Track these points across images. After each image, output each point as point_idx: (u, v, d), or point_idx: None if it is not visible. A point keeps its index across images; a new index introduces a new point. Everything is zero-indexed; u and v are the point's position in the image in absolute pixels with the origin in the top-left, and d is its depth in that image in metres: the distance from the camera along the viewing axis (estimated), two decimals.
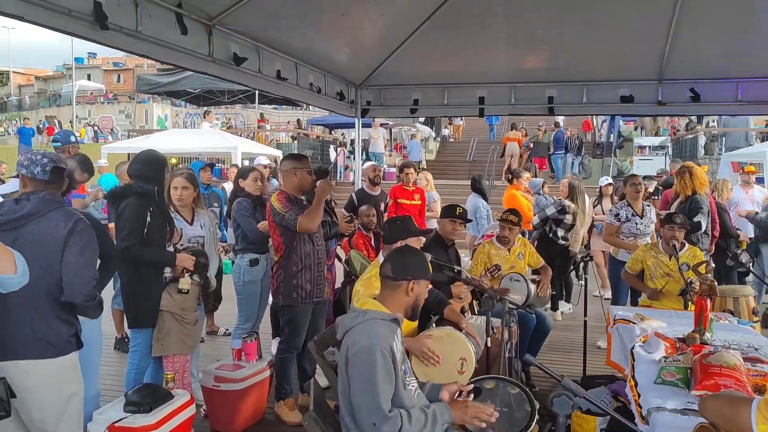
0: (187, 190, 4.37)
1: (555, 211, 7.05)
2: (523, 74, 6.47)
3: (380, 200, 6.97)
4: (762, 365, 2.98)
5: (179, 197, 4.35)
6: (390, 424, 2.33)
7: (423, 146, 21.80)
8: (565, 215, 7.02)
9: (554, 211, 7.05)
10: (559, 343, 6.26)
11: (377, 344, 2.40)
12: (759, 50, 5.52)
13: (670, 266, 4.88)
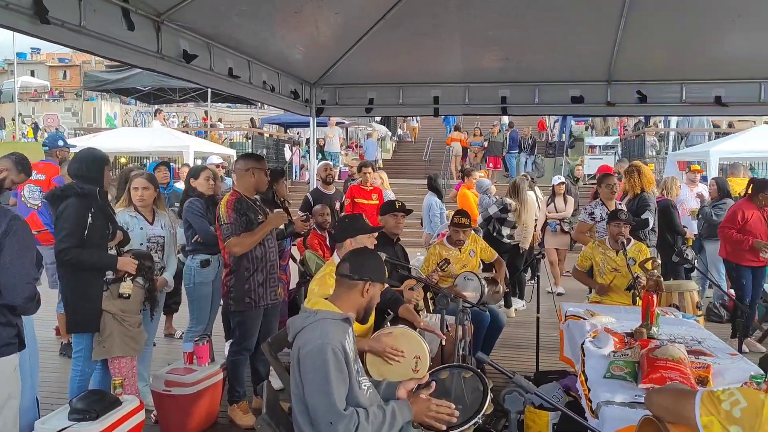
0: (147, 191, 4.37)
1: (497, 210, 7.15)
2: (477, 74, 6.54)
3: (334, 199, 6.95)
4: (705, 357, 3.08)
5: (140, 198, 4.34)
6: (346, 422, 2.31)
7: (379, 145, 21.82)
8: (508, 213, 7.12)
9: (496, 210, 7.15)
10: (513, 340, 6.35)
11: (329, 343, 2.38)
12: (701, 53, 5.72)
13: (618, 262, 5.01)
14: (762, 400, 1.66)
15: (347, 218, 4.06)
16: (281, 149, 19.53)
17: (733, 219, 6.16)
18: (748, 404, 1.66)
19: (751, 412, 1.65)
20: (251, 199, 4.23)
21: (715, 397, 1.74)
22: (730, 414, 1.68)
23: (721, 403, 1.71)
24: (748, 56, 5.71)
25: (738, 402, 1.68)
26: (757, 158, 12.73)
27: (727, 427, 1.68)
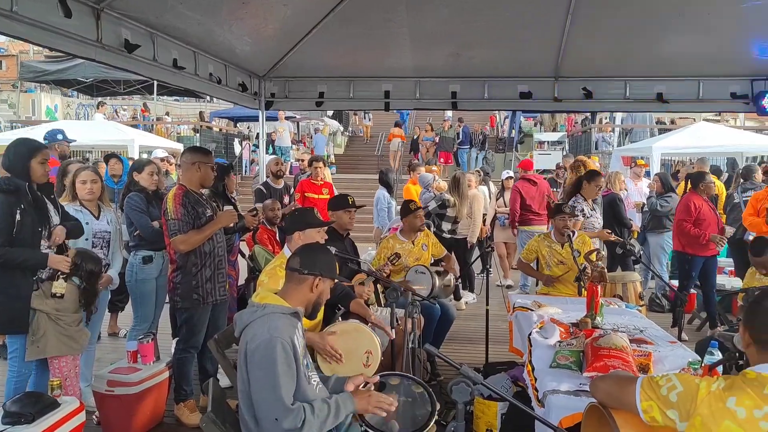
0: (96, 184, 4.28)
1: (436, 206, 7.21)
2: (427, 69, 6.56)
3: (284, 193, 6.87)
4: (646, 346, 3.17)
5: (90, 191, 4.24)
6: (292, 417, 2.27)
7: (331, 140, 21.71)
8: (446, 209, 7.19)
9: (435, 206, 7.21)
10: (463, 333, 6.42)
11: (278, 338, 2.34)
12: (644, 51, 5.88)
13: (563, 254, 5.12)
14: (697, 385, 1.71)
15: (297, 211, 4.02)
16: (230, 144, 19.20)
17: (688, 211, 6.39)
18: (684, 389, 1.72)
19: (687, 397, 1.70)
20: (197, 193, 4.13)
21: (654, 383, 1.79)
22: (667, 399, 1.73)
23: (660, 388, 1.76)
24: (688, 55, 5.91)
25: (675, 387, 1.74)
26: (697, 154, 13.17)
27: (665, 411, 1.73)
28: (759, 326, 1.73)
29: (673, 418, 1.71)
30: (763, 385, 1.63)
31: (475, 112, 21.76)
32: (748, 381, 1.67)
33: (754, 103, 6.09)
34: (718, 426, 1.62)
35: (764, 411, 1.58)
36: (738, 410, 1.61)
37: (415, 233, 5.29)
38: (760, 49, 5.73)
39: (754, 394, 1.62)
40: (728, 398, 1.64)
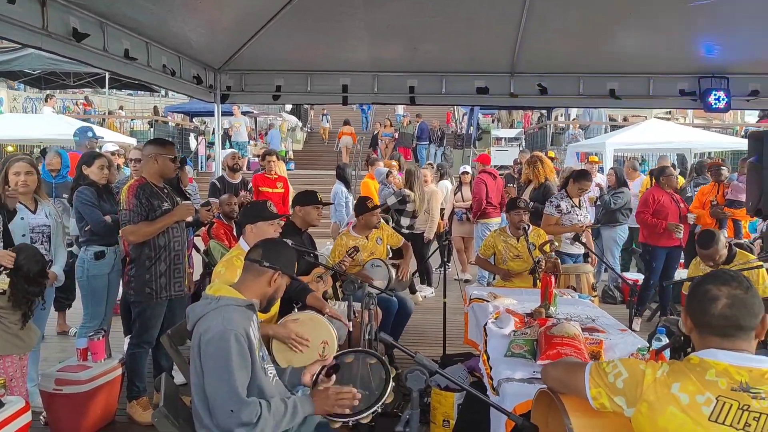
0: (31, 176, 4.10)
1: (396, 201, 7.24)
2: (385, 63, 6.56)
3: (241, 188, 6.78)
4: (598, 334, 3.25)
5: (24, 183, 4.06)
6: (249, 411, 2.25)
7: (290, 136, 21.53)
8: (406, 204, 7.23)
9: (395, 201, 7.24)
10: (421, 326, 6.46)
11: (232, 329, 2.31)
12: (597, 48, 6.00)
13: (519, 248, 5.19)
14: (642, 371, 1.73)
15: (251, 204, 3.97)
16: (186, 138, 18.84)
17: (646, 203, 6.62)
18: (630, 375, 1.74)
19: (632, 383, 1.72)
20: (159, 186, 4.05)
21: (602, 369, 1.81)
22: (614, 386, 1.75)
23: (607, 375, 1.78)
24: (638, 52, 6.06)
25: (620, 374, 1.76)
26: (648, 150, 13.59)
27: (613, 398, 1.75)
28: (697, 311, 1.75)
29: (621, 405, 1.74)
30: (705, 371, 1.66)
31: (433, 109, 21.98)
32: (691, 366, 1.70)
33: (701, 99, 6.27)
34: (662, 412, 1.64)
35: (706, 396, 1.61)
36: (681, 396, 1.63)
37: (369, 230, 5.29)
38: (707, 47, 5.92)
39: (696, 379, 1.64)
40: (673, 384, 1.66)
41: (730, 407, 1.58)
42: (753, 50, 5.93)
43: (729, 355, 1.67)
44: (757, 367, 1.64)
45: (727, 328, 1.69)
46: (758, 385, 1.61)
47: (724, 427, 1.57)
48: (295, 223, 4.63)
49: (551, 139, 17.15)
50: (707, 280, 1.77)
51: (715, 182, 7.38)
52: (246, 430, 2.25)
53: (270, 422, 2.28)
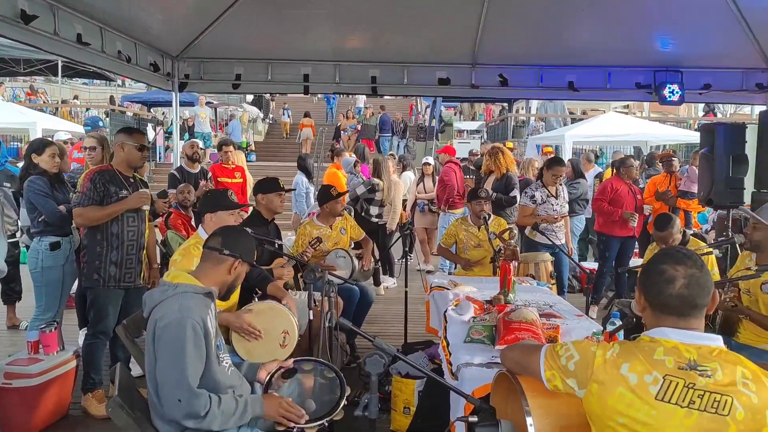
0: None
1: (365, 190, 7.24)
2: (347, 53, 6.53)
3: (200, 178, 6.67)
4: (555, 319, 3.30)
5: None
6: (198, 402, 2.21)
7: (251, 127, 21.27)
8: (375, 193, 7.23)
9: (364, 191, 7.23)
10: (383, 316, 6.50)
11: (188, 317, 2.27)
12: (556, 40, 6.08)
13: (480, 237, 5.25)
14: (593, 353, 1.75)
15: (211, 193, 3.92)
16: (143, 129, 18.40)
17: (604, 192, 6.75)
18: (581, 357, 1.76)
19: (583, 365, 1.74)
20: (124, 175, 3.97)
21: (555, 352, 1.83)
22: (566, 368, 1.77)
23: (560, 358, 1.80)
24: (596, 45, 6.16)
25: (572, 356, 1.78)
26: (606, 142, 13.89)
27: (565, 380, 1.78)
28: (654, 291, 1.76)
29: (573, 386, 1.76)
30: (653, 350, 1.69)
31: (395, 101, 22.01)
32: (640, 346, 1.72)
33: (656, 92, 6.41)
34: (612, 392, 1.66)
35: (653, 376, 1.64)
36: (630, 376, 1.65)
37: (334, 218, 5.27)
38: (662, 41, 6.06)
39: (645, 359, 1.67)
40: (622, 365, 1.68)
41: (677, 385, 1.61)
42: (705, 45, 6.09)
43: (679, 333, 1.70)
44: (707, 345, 1.68)
45: (684, 307, 1.72)
46: (706, 362, 1.64)
47: (670, 405, 1.60)
48: (260, 213, 4.58)
49: (512, 131, 17.36)
50: (662, 260, 1.78)
51: (667, 173, 7.59)
52: (193, 422, 2.22)
53: (218, 418, 2.25)
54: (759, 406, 1.59)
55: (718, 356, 1.66)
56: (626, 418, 1.64)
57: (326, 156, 16.68)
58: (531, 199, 5.90)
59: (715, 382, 1.61)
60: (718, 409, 1.58)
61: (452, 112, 24.97)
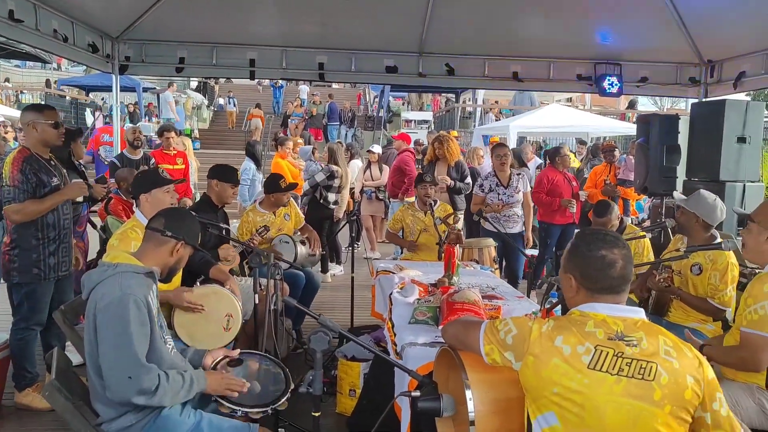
0: None
1: (324, 177, 7.23)
2: (295, 38, 6.45)
3: (143, 164, 6.51)
4: (496, 300, 3.40)
5: None
6: (149, 378, 2.19)
7: (195, 114, 20.81)
8: (334, 180, 7.24)
9: (323, 178, 7.22)
10: (330, 302, 6.51)
11: (130, 294, 2.23)
12: (501, 31, 6.18)
13: (426, 222, 5.32)
14: (530, 327, 1.83)
15: (141, 173, 3.80)
16: (82, 114, 17.77)
17: (540, 184, 6.89)
18: (518, 331, 1.84)
19: (520, 338, 1.82)
20: (45, 158, 3.76)
21: (495, 327, 1.90)
22: (504, 341, 1.85)
23: (499, 332, 1.88)
24: (540, 37, 6.28)
25: (511, 330, 1.85)
26: (549, 133, 14.24)
27: (503, 353, 1.85)
28: (596, 276, 1.84)
29: (510, 359, 1.83)
30: (584, 323, 1.78)
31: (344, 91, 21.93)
32: (572, 320, 1.82)
33: (597, 84, 6.60)
34: (547, 363, 1.74)
35: (585, 347, 1.73)
36: (564, 348, 1.74)
37: (278, 207, 5.23)
38: (602, 34, 6.24)
39: (577, 331, 1.76)
40: (556, 337, 1.77)
41: (607, 355, 1.71)
42: (643, 39, 6.31)
43: (606, 307, 1.81)
44: (631, 317, 1.80)
45: (623, 285, 1.84)
46: (631, 333, 1.76)
47: (601, 373, 1.70)
48: (210, 199, 4.50)
49: (459, 122, 17.58)
50: (597, 245, 1.85)
51: (608, 163, 7.86)
52: (144, 398, 2.19)
53: (168, 393, 2.24)
54: (680, 371, 1.71)
55: (642, 327, 1.78)
56: (560, 387, 1.71)
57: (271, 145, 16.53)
58: (480, 188, 6.06)
59: (641, 351, 1.72)
60: (645, 375, 1.69)
61: (400, 102, 25.08)
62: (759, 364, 2.60)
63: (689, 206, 3.64)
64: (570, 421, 1.71)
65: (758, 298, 2.59)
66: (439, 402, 1.92)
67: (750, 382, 2.72)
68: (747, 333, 2.61)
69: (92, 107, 18.59)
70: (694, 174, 6.19)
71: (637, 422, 1.68)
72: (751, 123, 5.83)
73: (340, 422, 3.78)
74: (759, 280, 2.68)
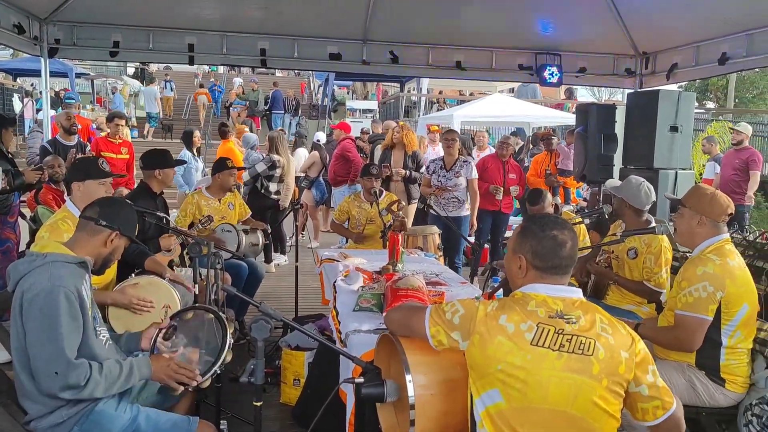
0: None
1: (266, 167, 7.10)
2: (235, 23, 6.31)
3: (78, 151, 6.24)
4: (440, 287, 3.42)
5: None
6: (77, 373, 2.08)
7: (132, 101, 20.12)
8: (276, 169, 7.12)
9: (265, 168, 7.10)
10: (275, 292, 6.44)
11: (60, 287, 2.13)
12: (445, 20, 6.20)
13: (372, 213, 5.31)
14: (476, 307, 1.88)
15: (79, 160, 3.64)
16: (8, 100, 16.84)
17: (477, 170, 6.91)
18: (466, 312, 1.88)
19: (467, 318, 1.85)
20: None
21: (441, 309, 1.93)
22: (451, 322, 1.88)
23: (445, 314, 1.91)
24: (483, 27, 6.35)
25: (457, 311, 1.89)
26: (492, 123, 14.45)
27: (449, 333, 1.88)
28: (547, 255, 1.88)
29: (457, 339, 1.86)
30: (527, 303, 1.84)
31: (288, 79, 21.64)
32: (515, 300, 1.88)
33: (537, 74, 6.72)
34: (492, 341, 1.78)
35: (528, 324, 1.79)
36: (508, 326, 1.79)
37: (224, 192, 5.12)
38: (543, 25, 6.35)
39: (521, 310, 1.82)
40: (500, 316, 1.82)
41: (548, 332, 1.78)
42: (582, 30, 6.47)
43: (547, 287, 1.87)
44: (569, 297, 1.87)
45: (569, 265, 1.90)
46: (570, 311, 1.83)
47: (543, 349, 1.76)
48: (150, 186, 4.34)
49: (404, 111, 17.61)
50: (548, 226, 1.91)
51: (547, 152, 8.02)
52: (72, 393, 2.10)
53: (102, 384, 2.15)
54: (615, 346, 1.80)
55: (580, 306, 1.85)
56: (504, 363, 1.76)
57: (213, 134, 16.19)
58: (427, 170, 6.27)
59: (579, 328, 1.79)
60: (584, 350, 1.76)
61: (345, 91, 24.95)
62: (694, 344, 2.71)
63: (618, 192, 3.76)
64: (513, 397, 1.75)
65: (692, 281, 2.70)
66: (382, 388, 1.92)
67: (681, 360, 2.83)
68: (682, 315, 2.71)
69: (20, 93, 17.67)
70: (630, 162, 6.39)
71: (577, 396, 1.75)
72: (683, 113, 6.05)
73: (284, 412, 3.74)
74: (692, 263, 2.79)
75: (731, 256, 2.79)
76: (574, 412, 1.75)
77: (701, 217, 2.83)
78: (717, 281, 2.67)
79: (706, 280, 2.67)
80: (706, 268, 2.70)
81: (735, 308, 2.70)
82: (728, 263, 2.73)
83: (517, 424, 1.75)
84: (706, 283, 2.67)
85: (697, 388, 2.77)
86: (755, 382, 2.76)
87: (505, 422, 1.76)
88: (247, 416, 3.28)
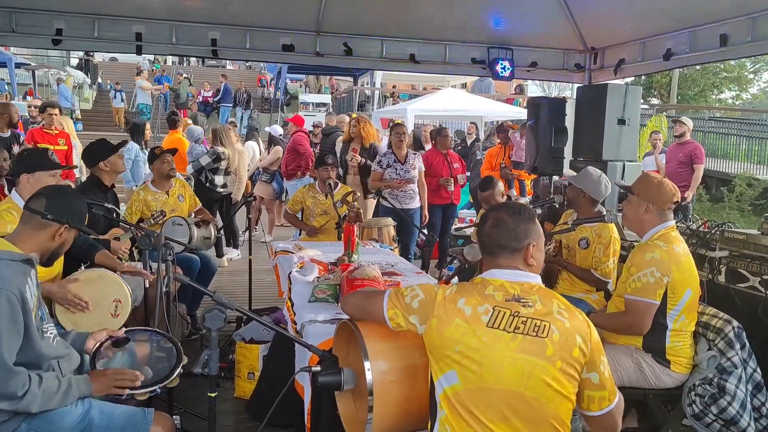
0: None
1: (210, 160, 6.97)
2: (185, 13, 6.14)
3: (13, 143, 6.00)
4: (396, 277, 3.44)
5: None
6: (15, 382, 1.99)
7: (76, 93, 19.44)
8: (221, 162, 7.00)
9: (209, 161, 6.97)
10: (229, 286, 6.35)
11: (2, 289, 2.02)
12: (400, 13, 6.19)
13: (326, 204, 5.28)
14: (436, 291, 1.91)
15: (28, 151, 3.52)
16: None
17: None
18: (425, 296, 1.90)
19: (426, 301, 1.88)
20: None
21: (400, 293, 1.96)
22: (410, 306, 1.90)
23: (404, 297, 1.93)
24: (437, 20, 6.36)
25: (417, 295, 1.92)
26: (445, 117, 14.57)
27: (407, 317, 1.90)
28: (482, 237, 1.97)
29: (414, 323, 1.88)
30: (485, 287, 1.87)
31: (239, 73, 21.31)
32: (474, 284, 1.91)
33: (490, 68, 6.79)
34: (449, 324, 1.81)
35: (485, 307, 1.82)
36: (466, 309, 1.82)
37: (168, 181, 5.00)
38: (495, 20, 6.42)
39: (478, 294, 1.86)
40: (458, 300, 1.85)
41: (504, 314, 1.82)
42: (533, 25, 6.56)
43: (504, 273, 1.91)
44: (527, 282, 1.91)
45: (492, 247, 1.94)
46: (527, 296, 1.86)
47: (499, 330, 1.80)
48: (100, 180, 4.20)
49: (358, 105, 17.59)
50: (494, 208, 2.02)
51: (502, 144, 8.14)
52: (8, 404, 2.01)
53: (38, 399, 2.05)
54: (570, 330, 1.83)
55: (537, 291, 1.89)
56: (461, 345, 1.79)
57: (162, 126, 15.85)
58: (378, 164, 6.15)
59: (535, 311, 1.83)
60: (539, 332, 1.80)
61: (298, 84, 24.75)
62: (643, 327, 2.80)
63: (576, 182, 3.85)
64: (469, 379, 1.78)
65: (641, 266, 2.78)
66: (340, 375, 1.91)
67: (629, 344, 2.92)
68: (631, 300, 2.80)
69: None
70: (579, 154, 6.54)
71: (531, 377, 1.78)
72: (630, 106, 6.22)
73: (238, 406, 3.69)
74: (640, 249, 2.88)
75: (677, 242, 2.88)
76: (528, 393, 1.78)
77: (648, 204, 2.92)
78: (663, 267, 2.76)
79: (653, 265, 2.76)
80: (654, 254, 2.79)
81: (680, 293, 2.80)
82: (674, 249, 2.83)
83: (472, 405, 1.78)
84: (653, 268, 2.75)
85: (644, 370, 2.86)
86: (698, 363, 2.87)
87: (461, 403, 1.78)
88: (201, 410, 3.22)
